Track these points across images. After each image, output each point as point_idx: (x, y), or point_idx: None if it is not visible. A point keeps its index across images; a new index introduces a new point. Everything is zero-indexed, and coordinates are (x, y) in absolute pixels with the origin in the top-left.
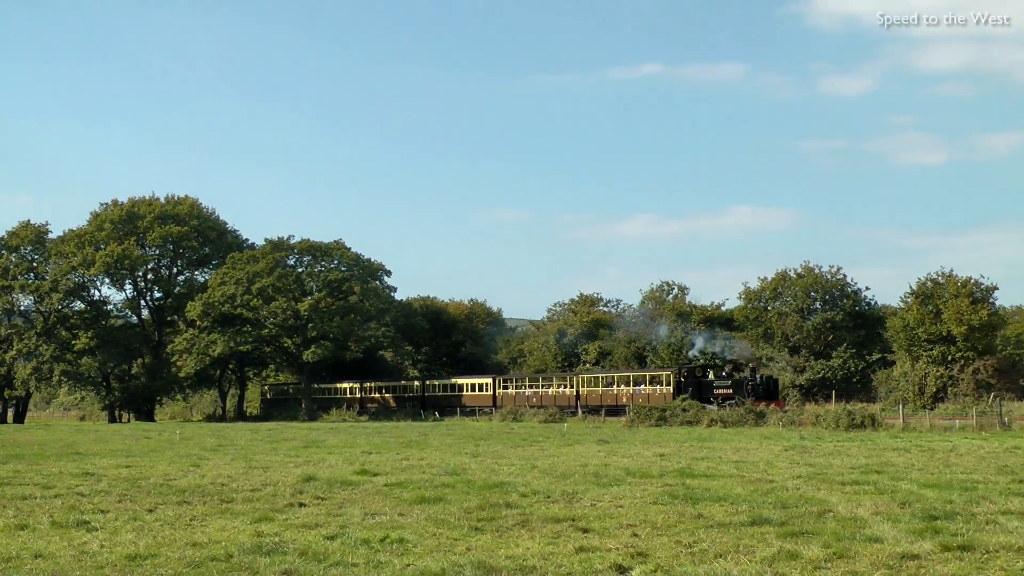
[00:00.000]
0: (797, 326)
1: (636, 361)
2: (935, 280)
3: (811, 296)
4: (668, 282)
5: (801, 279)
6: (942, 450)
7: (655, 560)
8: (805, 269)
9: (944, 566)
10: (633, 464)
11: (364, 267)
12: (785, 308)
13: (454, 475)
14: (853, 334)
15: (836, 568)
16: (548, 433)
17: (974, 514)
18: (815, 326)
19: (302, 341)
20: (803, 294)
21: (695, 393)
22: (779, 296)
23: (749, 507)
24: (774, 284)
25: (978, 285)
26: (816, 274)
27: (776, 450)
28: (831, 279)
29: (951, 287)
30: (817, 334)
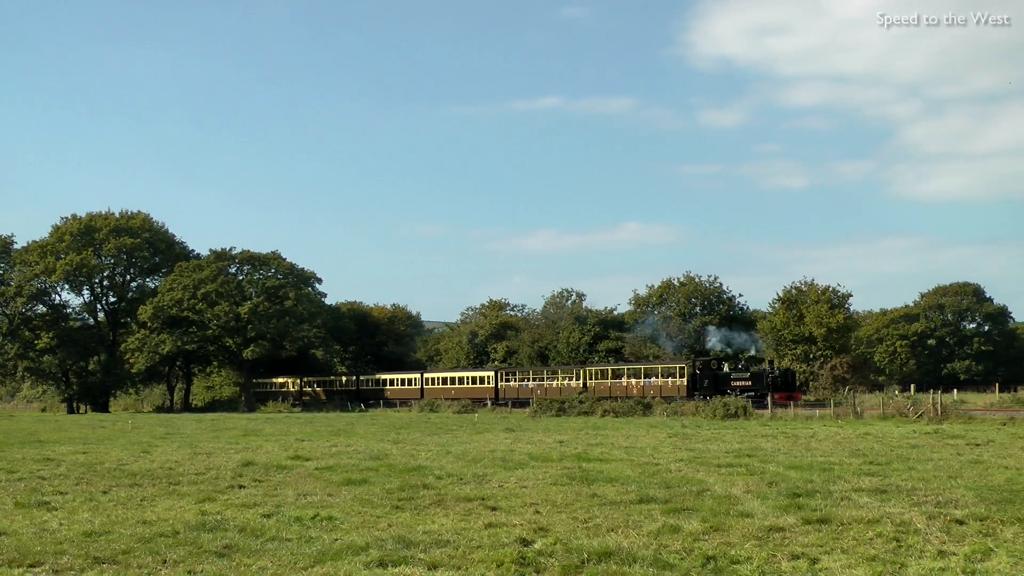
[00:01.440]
0: (680, 328)
1: (539, 359)
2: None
3: (692, 302)
4: (567, 289)
5: (683, 287)
6: (804, 436)
7: (555, 534)
8: (687, 278)
9: (805, 537)
10: (536, 450)
11: (298, 275)
12: (669, 312)
13: (377, 460)
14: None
15: (713, 540)
16: (461, 423)
17: (831, 492)
18: (695, 328)
19: (242, 341)
20: (685, 300)
21: (712, 385)
22: (664, 302)
23: (637, 487)
24: (660, 291)
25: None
26: (696, 282)
27: (661, 437)
28: (709, 287)
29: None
30: (697, 335)
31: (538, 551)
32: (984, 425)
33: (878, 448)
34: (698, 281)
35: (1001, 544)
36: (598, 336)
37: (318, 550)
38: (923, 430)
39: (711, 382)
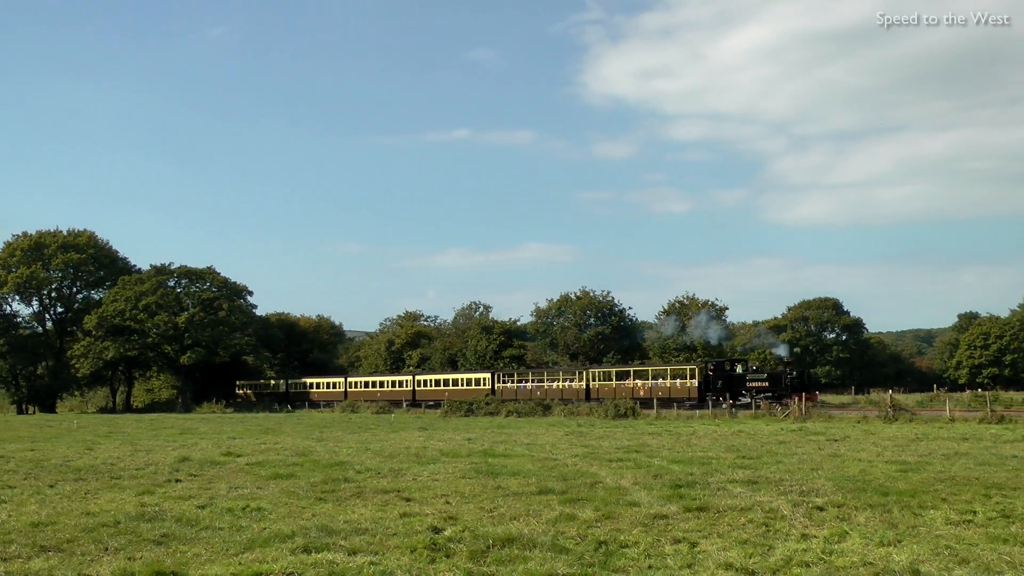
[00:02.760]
0: (576, 337)
1: (450, 365)
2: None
3: (587, 314)
4: (476, 302)
5: (579, 300)
6: (685, 434)
7: (463, 522)
8: (582, 292)
9: (686, 523)
10: (446, 446)
11: (231, 288)
12: (567, 323)
13: (303, 456)
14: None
15: (604, 526)
16: (379, 422)
17: (709, 483)
18: (590, 337)
19: (179, 348)
20: (581, 312)
21: (726, 386)
22: (562, 313)
23: (537, 480)
24: (558, 304)
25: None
26: (591, 296)
27: (559, 435)
28: (602, 300)
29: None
30: (592, 344)
31: (448, 538)
32: (842, 423)
33: (750, 444)
34: (592, 295)
35: (855, 527)
36: (503, 344)
37: (248, 538)
38: (789, 428)
39: (725, 383)
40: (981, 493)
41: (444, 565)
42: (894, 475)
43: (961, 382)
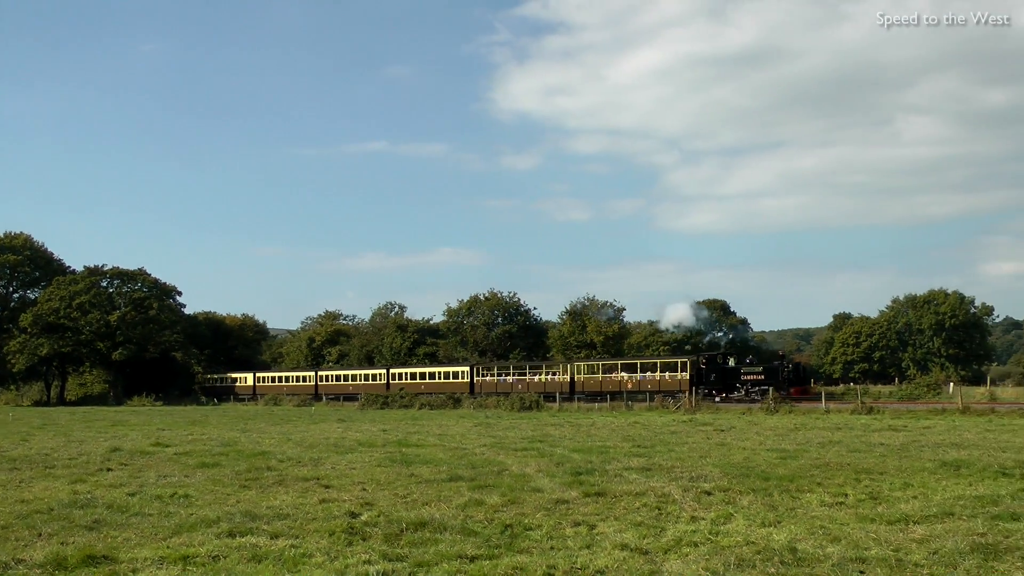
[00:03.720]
0: (485, 335)
1: (367, 362)
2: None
3: (495, 313)
4: (391, 302)
5: (488, 301)
6: (585, 425)
7: (378, 508)
8: (491, 294)
9: (586, 507)
10: (363, 437)
11: (161, 288)
12: (476, 322)
13: (228, 446)
14: (525, 341)
15: (510, 511)
16: (300, 414)
17: (607, 470)
18: (497, 336)
19: (112, 344)
20: (489, 312)
21: (719, 380)
22: (472, 313)
23: (448, 468)
24: (468, 304)
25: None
26: (499, 297)
27: (468, 426)
28: (509, 301)
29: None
30: (499, 341)
31: (364, 522)
32: (728, 415)
33: (645, 434)
34: (500, 296)
35: (739, 510)
36: (417, 342)
37: (176, 523)
38: (680, 419)
39: (719, 376)
40: (852, 477)
41: (360, 548)
42: (775, 462)
43: (835, 376)
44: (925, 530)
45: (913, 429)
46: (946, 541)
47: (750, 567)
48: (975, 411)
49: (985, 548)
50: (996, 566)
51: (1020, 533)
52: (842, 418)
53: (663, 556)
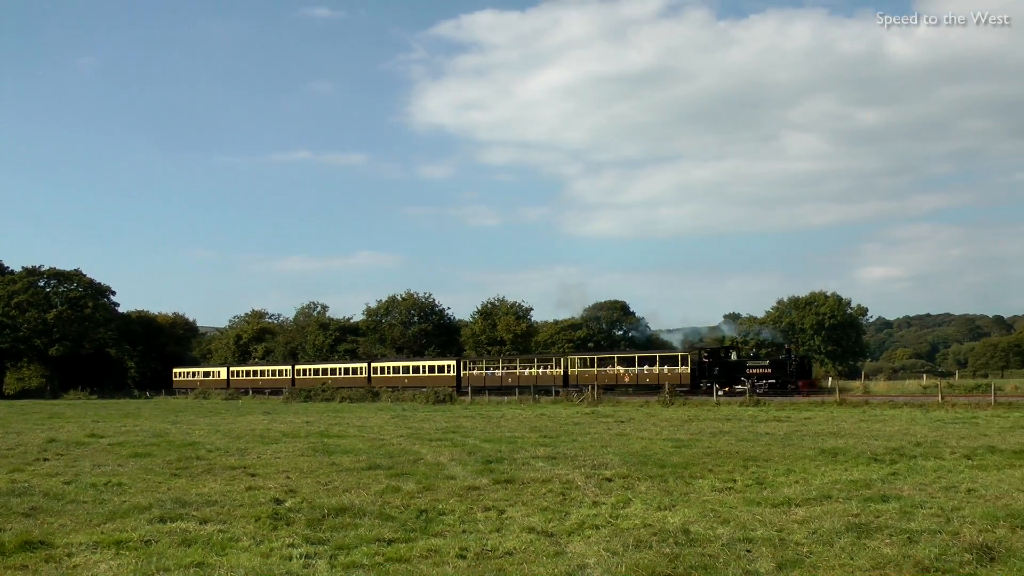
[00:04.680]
0: (402, 333)
1: (291, 358)
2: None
3: (411, 313)
4: (314, 302)
5: (405, 301)
6: (496, 417)
7: (302, 494)
8: (408, 294)
9: (496, 493)
10: (288, 428)
11: (96, 288)
12: (394, 321)
13: (159, 437)
14: (439, 340)
15: (425, 497)
16: (228, 407)
17: (515, 459)
18: (414, 334)
19: (49, 341)
20: (406, 311)
21: (723, 373)
22: (390, 312)
23: (367, 457)
24: (387, 304)
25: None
26: (415, 298)
27: (386, 418)
28: (425, 301)
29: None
30: (415, 339)
31: (288, 508)
32: (627, 407)
33: (551, 425)
34: (416, 297)
35: (637, 495)
36: (338, 339)
37: (110, 510)
38: (584, 411)
39: (722, 370)
40: (740, 464)
41: (284, 532)
42: (670, 451)
43: None
44: (805, 512)
45: (795, 420)
46: (824, 521)
47: (647, 548)
48: (850, 403)
49: (858, 527)
50: (868, 543)
51: (889, 513)
52: (731, 410)
53: (567, 538)
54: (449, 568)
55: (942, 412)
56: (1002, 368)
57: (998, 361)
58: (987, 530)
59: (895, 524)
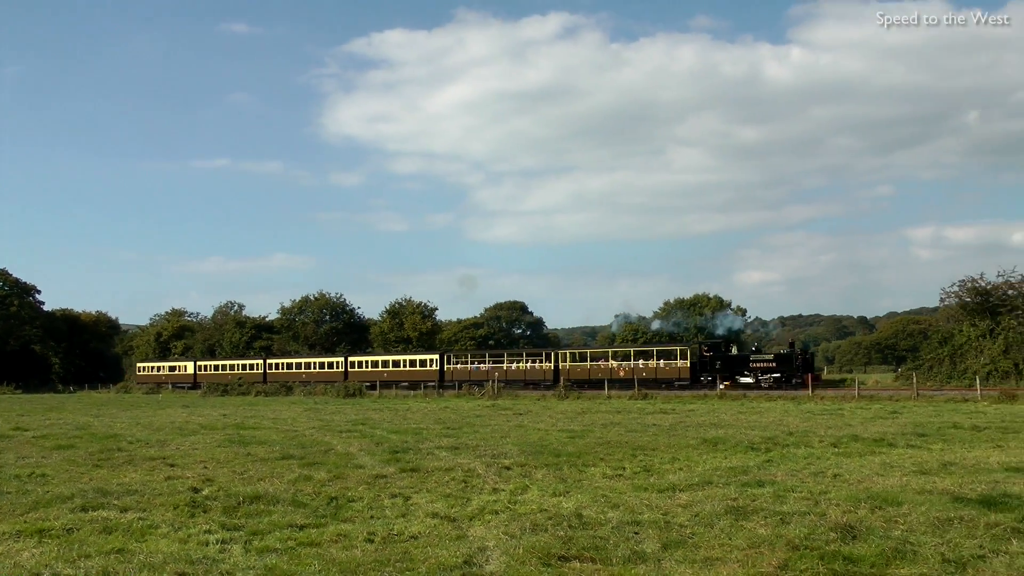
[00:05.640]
0: (314, 331)
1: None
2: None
3: (323, 312)
4: (231, 301)
5: (317, 301)
6: (402, 410)
7: (218, 483)
8: (320, 295)
9: (402, 481)
10: (205, 421)
11: (21, 287)
12: (307, 320)
13: (82, 429)
14: (349, 337)
15: (335, 485)
16: (148, 401)
17: (420, 449)
18: (326, 332)
19: None
20: (318, 311)
21: (725, 367)
22: (303, 311)
23: (281, 448)
24: (300, 304)
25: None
26: (327, 298)
27: (299, 411)
28: (336, 301)
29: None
30: (327, 337)
31: (205, 496)
32: (525, 401)
33: (454, 417)
34: (328, 297)
35: (534, 482)
36: (254, 337)
37: (33, 500)
38: (485, 404)
39: (724, 364)
40: (629, 453)
41: (202, 519)
42: (564, 441)
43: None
44: (689, 496)
45: (680, 412)
46: (705, 505)
47: (543, 531)
48: (730, 397)
49: (736, 510)
50: (745, 524)
51: (764, 497)
52: (621, 403)
53: (469, 523)
54: (358, 552)
55: (812, 404)
56: (865, 364)
57: (861, 358)
58: (850, 511)
59: (769, 507)
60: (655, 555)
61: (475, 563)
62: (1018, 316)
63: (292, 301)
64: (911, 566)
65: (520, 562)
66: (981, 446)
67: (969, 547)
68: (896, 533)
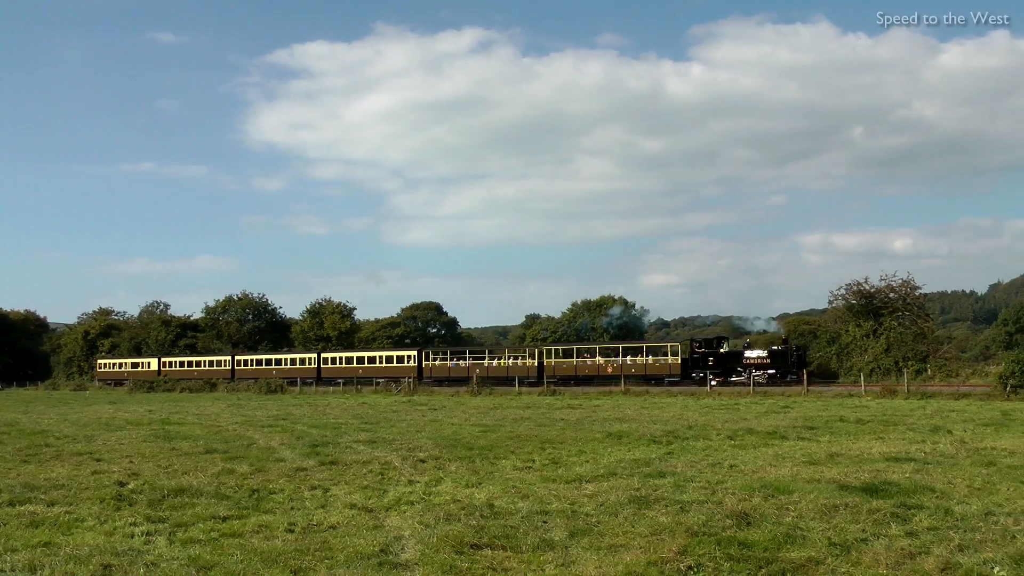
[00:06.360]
0: (238, 330)
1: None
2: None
3: (247, 312)
4: (157, 300)
5: (240, 301)
6: (322, 405)
7: (144, 477)
8: (243, 295)
9: (321, 474)
10: (132, 417)
11: None
12: (230, 319)
13: (9, 426)
14: (271, 336)
15: (257, 478)
16: (76, 397)
17: (339, 443)
18: (249, 331)
19: None
20: (242, 310)
21: (718, 364)
22: (227, 311)
23: (205, 442)
24: (224, 304)
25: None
26: (250, 298)
27: (222, 407)
28: (259, 301)
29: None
30: (250, 336)
31: (131, 490)
32: (440, 396)
33: (371, 412)
34: (251, 297)
35: (448, 474)
36: (179, 335)
37: None
38: (401, 400)
39: (717, 360)
40: (538, 446)
41: (127, 512)
42: (477, 435)
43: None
44: (594, 487)
45: (587, 407)
46: (610, 495)
47: (456, 520)
48: (634, 393)
49: (639, 499)
50: (647, 513)
51: (665, 487)
52: (531, 399)
53: (385, 513)
54: (278, 542)
55: (710, 400)
56: None
57: None
58: (745, 499)
59: (670, 496)
60: (562, 543)
61: (391, 552)
62: (899, 317)
63: (216, 301)
64: (800, 550)
65: (434, 550)
66: (864, 438)
67: (853, 531)
68: (787, 519)
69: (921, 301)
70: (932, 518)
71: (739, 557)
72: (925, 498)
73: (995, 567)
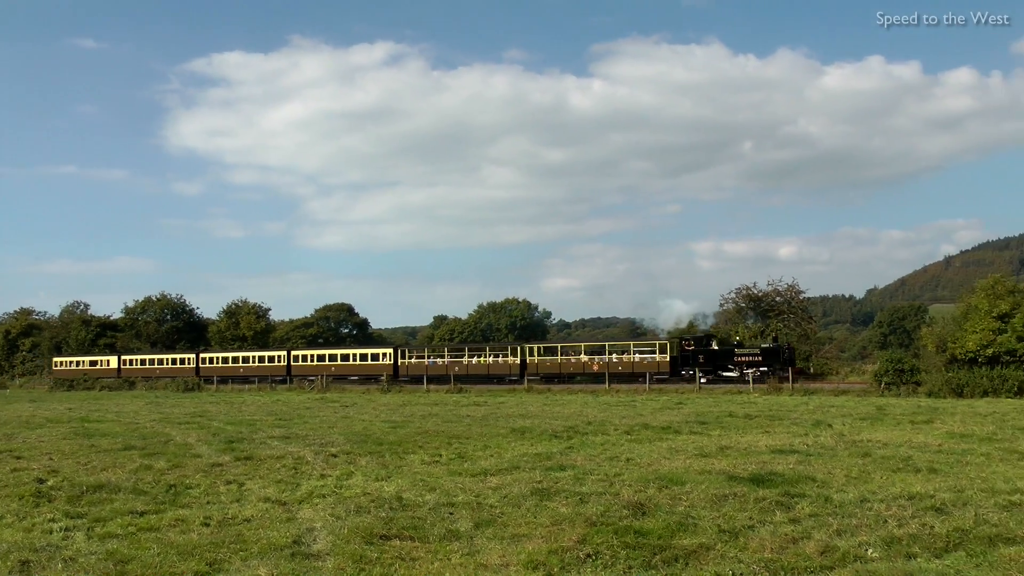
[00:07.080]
0: (156, 330)
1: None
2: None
3: (165, 312)
4: (77, 300)
5: (159, 301)
6: (238, 402)
7: (63, 474)
8: (162, 295)
9: (237, 469)
10: (52, 415)
11: None
12: (149, 319)
13: None
14: (189, 336)
15: (174, 473)
16: None
17: (254, 439)
18: (167, 330)
19: None
20: (160, 311)
21: (709, 361)
22: (146, 311)
23: (123, 439)
24: (143, 304)
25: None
26: (168, 299)
27: (141, 405)
28: (177, 302)
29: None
30: (168, 335)
31: (50, 486)
32: (352, 394)
33: (286, 409)
34: (169, 297)
35: (359, 468)
36: (99, 335)
37: None
38: (315, 397)
39: (707, 358)
40: (445, 442)
41: (47, 508)
42: (387, 430)
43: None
44: (499, 480)
45: (492, 404)
46: (514, 487)
47: (366, 512)
48: (537, 390)
49: (541, 491)
50: (548, 504)
51: (565, 479)
52: (439, 396)
53: (298, 506)
54: (195, 535)
55: (609, 397)
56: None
57: None
58: (641, 490)
59: (570, 488)
60: (468, 533)
61: (304, 543)
62: (784, 319)
63: (135, 301)
64: (692, 537)
65: (345, 541)
66: (752, 432)
67: (741, 519)
68: (680, 509)
69: (805, 304)
70: (813, 505)
71: (635, 545)
72: (807, 487)
73: (869, 549)
